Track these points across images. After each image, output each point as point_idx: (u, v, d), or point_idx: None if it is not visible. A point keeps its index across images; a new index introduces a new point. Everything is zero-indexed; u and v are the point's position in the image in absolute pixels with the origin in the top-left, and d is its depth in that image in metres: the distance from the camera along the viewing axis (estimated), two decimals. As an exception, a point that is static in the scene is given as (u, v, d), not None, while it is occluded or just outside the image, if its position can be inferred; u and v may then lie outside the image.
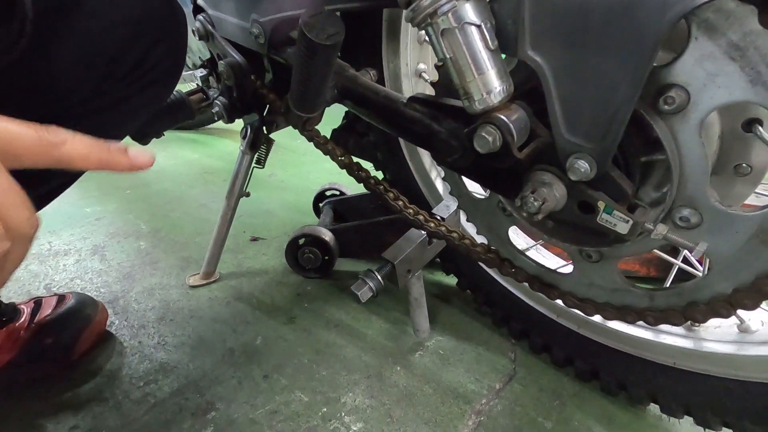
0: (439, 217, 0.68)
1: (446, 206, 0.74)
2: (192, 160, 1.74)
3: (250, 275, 1.03)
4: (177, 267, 1.04)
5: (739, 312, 0.50)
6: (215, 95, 0.88)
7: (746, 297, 0.40)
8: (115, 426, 0.66)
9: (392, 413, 0.69)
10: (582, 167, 0.38)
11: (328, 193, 1.24)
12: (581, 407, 0.71)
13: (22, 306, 0.77)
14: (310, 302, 0.94)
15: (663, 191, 0.41)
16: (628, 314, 0.49)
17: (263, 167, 0.99)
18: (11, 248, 0.27)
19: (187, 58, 1.04)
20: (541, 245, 0.78)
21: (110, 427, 0.66)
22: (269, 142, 0.97)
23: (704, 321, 0.44)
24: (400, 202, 0.70)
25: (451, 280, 0.95)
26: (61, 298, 0.80)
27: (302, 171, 1.68)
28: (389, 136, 0.83)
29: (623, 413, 0.70)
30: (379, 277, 0.65)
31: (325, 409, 0.70)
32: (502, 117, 0.39)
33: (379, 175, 0.82)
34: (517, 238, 0.81)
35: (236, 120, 0.89)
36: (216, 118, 0.87)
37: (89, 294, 0.88)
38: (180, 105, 0.87)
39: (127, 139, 0.71)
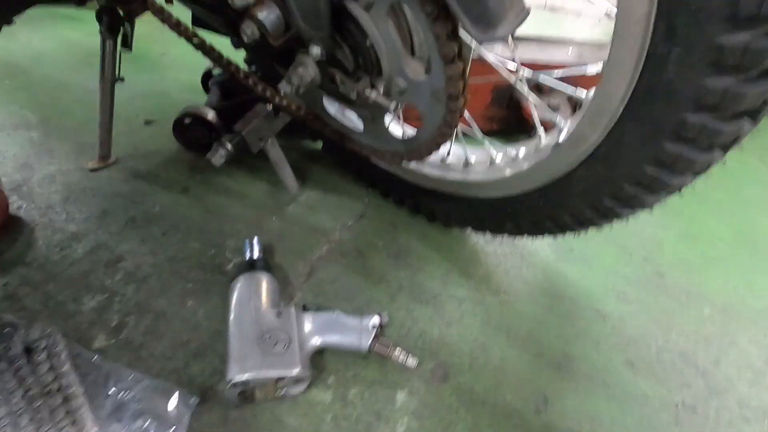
0: (282, 91, 0.80)
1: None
2: (72, 41, 1.64)
3: (147, 155, 1.14)
4: (73, 153, 1.11)
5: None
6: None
7: (436, 139, 0.59)
8: (41, 280, 0.84)
9: (267, 248, 0.91)
10: (315, 50, 0.51)
11: (214, 70, 1.29)
12: (408, 231, 0.97)
13: None
14: (203, 174, 1.09)
15: (379, 67, 0.55)
16: (393, 156, 0.69)
17: (131, 50, 1.02)
18: None
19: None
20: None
21: (37, 281, 0.83)
22: (131, 23, 0.98)
23: (409, 161, 0.65)
24: (249, 80, 0.81)
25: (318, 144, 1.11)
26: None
27: (195, 47, 1.64)
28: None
29: (436, 232, 0.97)
30: (229, 145, 0.79)
31: (212, 251, 0.90)
32: (256, 13, 0.50)
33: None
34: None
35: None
36: None
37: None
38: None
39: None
